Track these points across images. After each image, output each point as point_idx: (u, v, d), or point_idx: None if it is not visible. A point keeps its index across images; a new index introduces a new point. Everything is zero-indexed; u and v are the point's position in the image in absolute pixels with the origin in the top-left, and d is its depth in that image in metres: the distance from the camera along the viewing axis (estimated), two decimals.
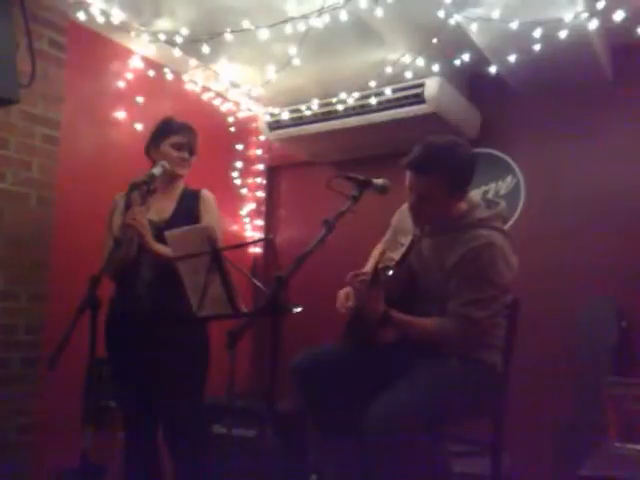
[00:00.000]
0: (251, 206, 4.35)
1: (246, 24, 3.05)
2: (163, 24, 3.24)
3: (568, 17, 2.75)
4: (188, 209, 2.51)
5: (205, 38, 3.18)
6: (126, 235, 2.30)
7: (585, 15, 2.74)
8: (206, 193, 2.58)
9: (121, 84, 3.45)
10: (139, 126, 3.45)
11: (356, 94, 3.47)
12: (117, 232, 2.36)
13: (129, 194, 2.36)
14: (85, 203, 3.12)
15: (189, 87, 3.76)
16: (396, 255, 2.16)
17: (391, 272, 1.96)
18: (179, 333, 2.39)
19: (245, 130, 4.27)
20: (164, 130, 2.56)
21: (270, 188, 4.48)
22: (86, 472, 2.08)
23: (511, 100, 3.56)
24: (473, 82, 3.64)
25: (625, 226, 3.22)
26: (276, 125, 3.82)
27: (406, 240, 2.19)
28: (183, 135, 2.55)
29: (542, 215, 3.49)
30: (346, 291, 2.10)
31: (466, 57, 3.14)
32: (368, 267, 2.25)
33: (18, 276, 2.84)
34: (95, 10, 3.10)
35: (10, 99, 2.59)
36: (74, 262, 2.95)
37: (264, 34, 3.05)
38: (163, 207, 2.50)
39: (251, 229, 4.33)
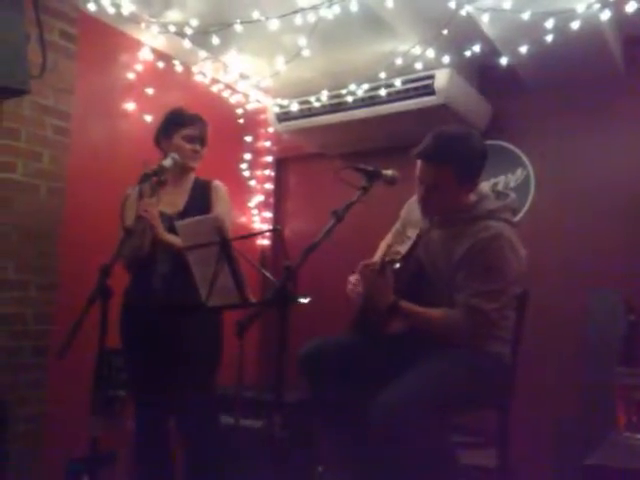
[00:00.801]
0: (259, 198, 4.35)
1: (256, 15, 3.04)
2: (173, 15, 3.24)
3: (580, 8, 2.72)
4: (200, 200, 2.52)
5: (215, 29, 3.17)
6: (138, 227, 2.32)
7: (597, 6, 2.71)
8: (218, 184, 2.59)
9: (131, 76, 3.45)
10: (148, 117, 3.46)
11: (366, 85, 3.46)
12: (130, 223, 2.37)
13: (140, 186, 2.37)
14: (95, 194, 3.13)
15: (198, 79, 3.77)
16: (403, 248, 2.15)
17: (398, 265, 1.96)
18: (192, 324, 2.40)
19: (254, 122, 4.27)
20: (175, 122, 2.56)
21: (278, 180, 4.47)
22: (95, 461, 2.10)
23: (522, 92, 3.53)
24: (483, 74, 3.61)
25: (636, 220, 3.20)
26: (285, 117, 3.81)
27: (413, 233, 2.19)
28: (195, 127, 2.56)
29: (552, 208, 3.47)
30: (357, 277, 2.10)
31: (477, 48, 3.11)
32: (376, 259, 2.25)
33: (28, 266, 2.86)
34: (105, 1, 3.11)
35: (21, 90, 2.59)
36: (84, 253, 2.97)
37: (274, 25, 3.04)
38: (175, 199, 2.52)
39: (259, 221, 4.33)
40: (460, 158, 1.97)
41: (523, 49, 3.01)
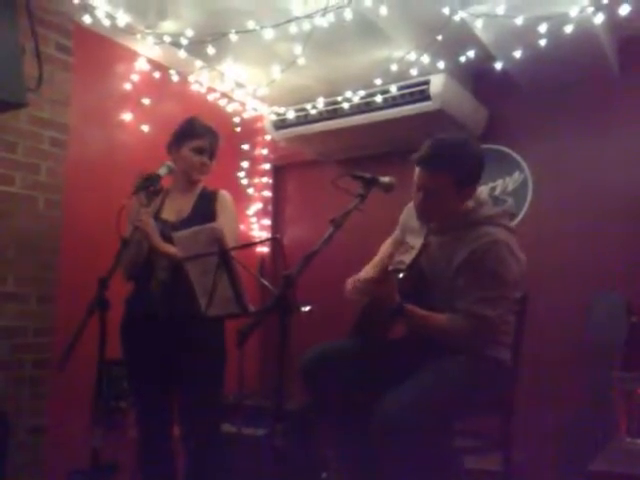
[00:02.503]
0: (258, 206, 4.36)
1: (251, 24, 3.06)
2: (168, 26, 3.25)
3: (574, 12, 2.74)
4: (205, 209, 2.51)
5: (210, 39, 3.19)
6: (134, 237, 2.31)
7: (590, 9, 2.73)
8: (224, 194, 2.58)
9: (127, 86, 3.46)
10: (145, 128, 3.47)
11: (362, 92, 3.47)
12: (126, 234, 2.37)
13: (135, 195, 2.37)
14: (93, 205, 3.13)
15: (195, 88, 3.77)
16: (407, 258, 2.15)
17: (401, 275, 1.97)
18: (196, 333, 2.39)
19: (251, 130, 4.28)
20: (186, 133, 2.55)
21: (276, 187, 4.48)
22: (96, 472, 2.09)
23: (517, 96, 3.54)
24: (479, 78, 3.63)
25: (634, 222, 3.20)
26: (282, 124, 3.82)
27: (415, 241, 2.18)
28: (204, 139, 2.54)
29: (550, 211, 3.47)
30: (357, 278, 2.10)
31: (471, 54, 3.13)
32: (377, 260, 2.26)
33: (27, 279, 2.86)
34: (101, 13, 3.12)
35: (18, 103, 2.60)
36: (82, 264, 2.97)
37: (269, 34, 3.05)
38: (181, 207, 2.52)
39: (258, 229, 4.34)
40: (458, 165, 1.98)
41: (517, 53, 3.03)
